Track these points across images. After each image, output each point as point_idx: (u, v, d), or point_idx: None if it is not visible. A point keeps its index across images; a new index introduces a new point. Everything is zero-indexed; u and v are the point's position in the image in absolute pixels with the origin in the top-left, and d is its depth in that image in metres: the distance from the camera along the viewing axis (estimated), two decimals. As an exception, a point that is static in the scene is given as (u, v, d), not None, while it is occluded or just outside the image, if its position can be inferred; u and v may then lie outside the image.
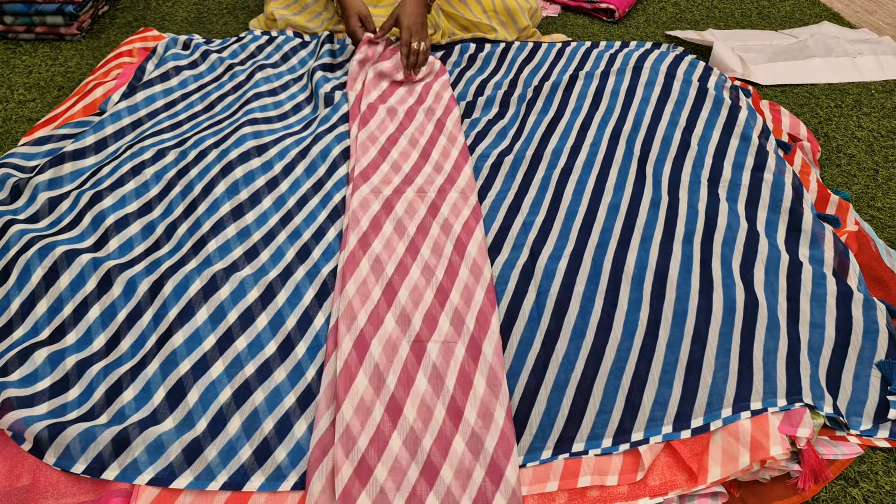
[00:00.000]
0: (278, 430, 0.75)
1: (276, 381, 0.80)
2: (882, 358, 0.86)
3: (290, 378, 0.80)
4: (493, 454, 0.73)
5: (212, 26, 1.69)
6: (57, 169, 1.06)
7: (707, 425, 0.77)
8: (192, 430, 0.74)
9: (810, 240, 1.01)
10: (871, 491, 0.76)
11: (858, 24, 1.94)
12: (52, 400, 0.77)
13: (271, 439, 0.75)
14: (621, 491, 0.73)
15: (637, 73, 1.32)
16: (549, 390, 0.81)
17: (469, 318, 0.86)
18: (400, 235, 0.97)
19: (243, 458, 0.73)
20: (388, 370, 0.79)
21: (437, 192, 1.06)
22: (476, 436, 0.74)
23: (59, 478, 0.70)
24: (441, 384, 0.79)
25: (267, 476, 0.72)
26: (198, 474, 0.71)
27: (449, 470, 0.72)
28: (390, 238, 0.96)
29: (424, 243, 0.96)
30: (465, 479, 0.71)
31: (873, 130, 1.41)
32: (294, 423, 0.77)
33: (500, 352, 0.82)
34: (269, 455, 0.73)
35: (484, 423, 0.75)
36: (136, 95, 1.23)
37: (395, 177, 1.08)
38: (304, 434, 0.76)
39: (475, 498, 0.70)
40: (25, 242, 0.92)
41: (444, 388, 0.79)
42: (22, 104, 1.34)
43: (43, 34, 1.55)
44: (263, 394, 0.78)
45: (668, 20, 1.89)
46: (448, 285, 0.90)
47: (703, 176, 1.11)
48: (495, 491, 0.70)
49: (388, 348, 0.82)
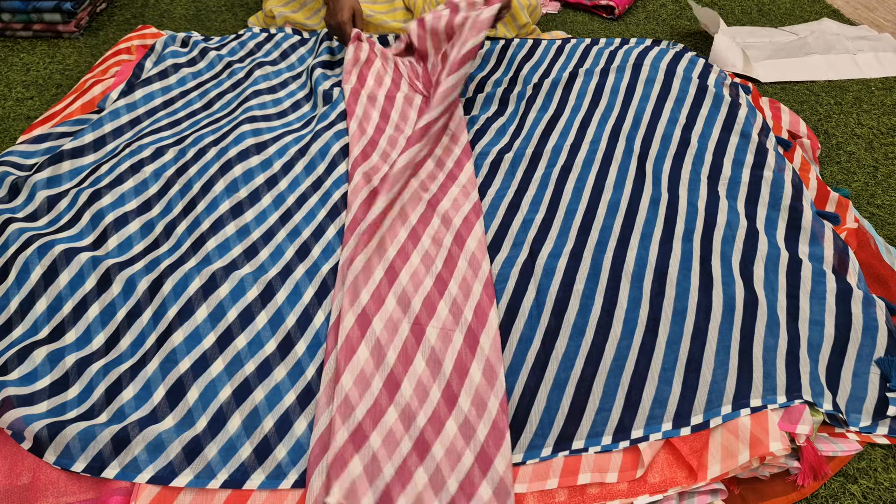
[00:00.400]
0: (278, 429, 0.76)
1: (276, 379, 0.80)
2: (881, 355, 0.86)
3: (290, 376, 0.81)
4: (484, 443, 0.73)
5: (210, 24, 1.69)
6: (55, 167, 1.06)
7: (707, 422, 0.77)
8: (192, 429, 0.74)
9: (810, 237, 1.01)
10: (869, 487, 0.77)
11: (858, 20, 1.94)
12: (52, 399, 0.77)
13: (271, 437, 0.75)
14: (621, 488, 0.73)
15: (637, 71, 1.32)
16: (548, 388, 0.81)
17: (467, 310, 0.86)
18: (402, 222, 0.98)
19: (243, 456, 0.73)
20: (389, 346, 0.80)
21: (438, 186, 1.06)
22: (469, 423, 0.75)
23: (59, 476, 0.70)
24: (438, 368, 0.80)
25: (267, 474, 0.72)
26: (198, 472, 0.71)
27: (440, 448, 0.72)
28: (394, 222, 0.97)
29: (425, 233, 0.97)
30: (455, 461, 0.72)
31: (873, 128, 1.41)
32: (294, 421, 0.77)
33: (498, 346, 0.83)
34: (270, 453, 0.74)
35: (478, 412, 0.76)
36: (134, 93, 1.22)
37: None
38: (305, 432, 0.76)
39: (462, 480, 0.70)
40: (24, 241, 0.92)
41: (442, 372, 0.79)
42: (20, 102, 1.34)
43: (41, 31, 1.54)
44: (263, 392, 0.78)
45: (667, 17, 1.89)
46: (447, 276, 0.91)
47: (702, 173, 1.11)
48: (482, 478, 0.70)
49: (390, 326, 0.83)
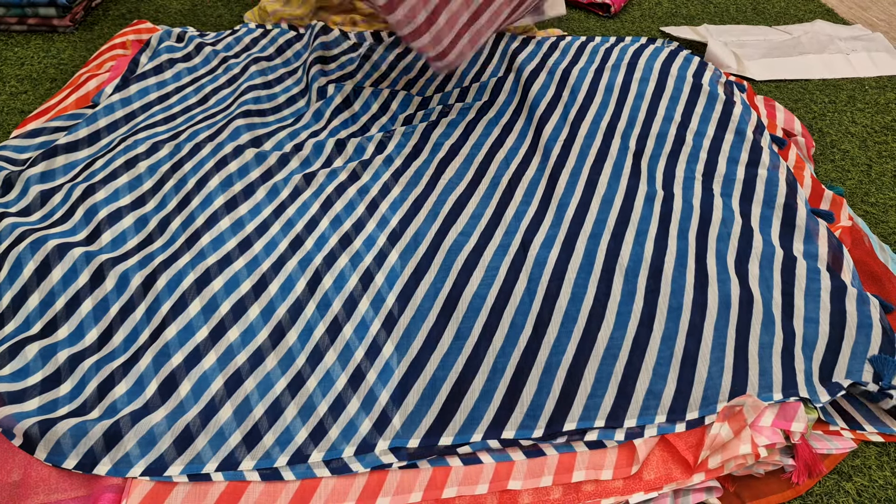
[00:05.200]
0: (268, 416, 0.76)
1: (267, 367, 0.80)
2: (875, 353, 0.86)
3: (280, 365, 0.81)
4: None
5: (206, 18, 1.68)
6: (49, 162, 1.05)
7: (702, 418, 0.77)
8: (182, 419, 0.74)
9: (804, 235, 1.01)
10: (864, 485, 0.77)
11: (852, 19, 1.94)
12: (44, 395, 0.77)
13: (261, 425, 0.75)
14: (616, 485, 0.73)
15: (632, 69, 1.32)
16: (540, 371, 0.81)
17: None
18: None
19: (233, 444, 0.73)
20: None
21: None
22: None
23: (51, 473, 0.70)
24: None
25: (256, 460, 0.72)
26: (188, 461, 0.71)
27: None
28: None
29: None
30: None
31: (867, 126, 1.42)
32: (284, 408, 0.77)
33: None
34: (259, 440, 0.73)
35: None
36: (129, 88, 1.22)
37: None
38: (295, 419, 0.76)
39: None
40: (17, 236, 0.91)
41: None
42: (14, 96, 1.33)
43: (35, 26, 1.53)
44: (255, 381, 0.79)
45: (663, 15, 1.89)
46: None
47: (697, 171, 1.11)
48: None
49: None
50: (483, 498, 0.71)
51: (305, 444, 0.74)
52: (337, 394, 0.79)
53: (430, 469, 0.74)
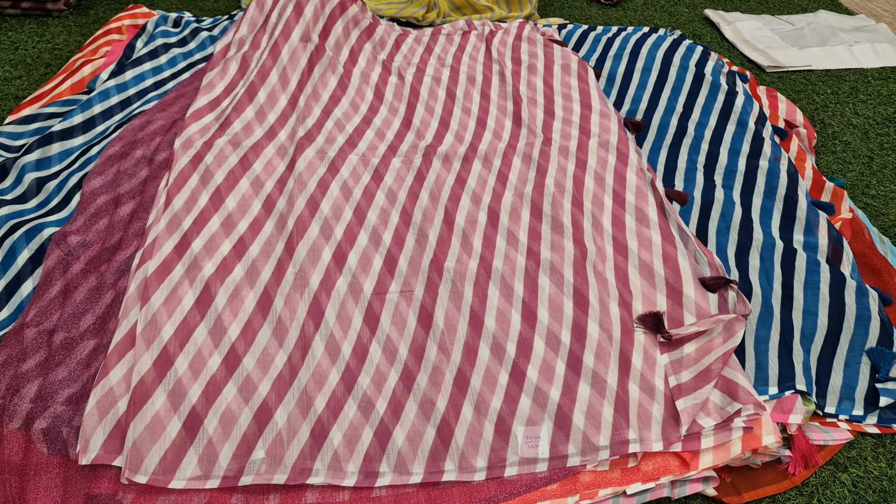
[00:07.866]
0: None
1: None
2: (874, 345, 0.86)
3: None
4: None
5: (203, 3, 1.66)
6: (45, 149, 1.04)
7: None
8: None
9: (805, 227, 1.01)
10: (859, 476, 0.77)
11: (856, 10, 1.93)
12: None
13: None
14: (614, 476, 0.73)
15: (634, 58, 1.31)
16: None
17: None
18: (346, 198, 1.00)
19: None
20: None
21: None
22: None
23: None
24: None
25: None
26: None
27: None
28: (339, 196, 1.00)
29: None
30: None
31: (869, 118, 1.41)
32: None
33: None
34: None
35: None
36: (125, 73, 1.20)
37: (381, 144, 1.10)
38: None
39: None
40: (12, 224, 0.90)
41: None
42: (8, 81, 1.32)
43: (29, 9, 1.51)
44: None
45: (666, 3, 1.88)
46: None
47: (699, 162, 1.10)
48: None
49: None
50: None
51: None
52: None
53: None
